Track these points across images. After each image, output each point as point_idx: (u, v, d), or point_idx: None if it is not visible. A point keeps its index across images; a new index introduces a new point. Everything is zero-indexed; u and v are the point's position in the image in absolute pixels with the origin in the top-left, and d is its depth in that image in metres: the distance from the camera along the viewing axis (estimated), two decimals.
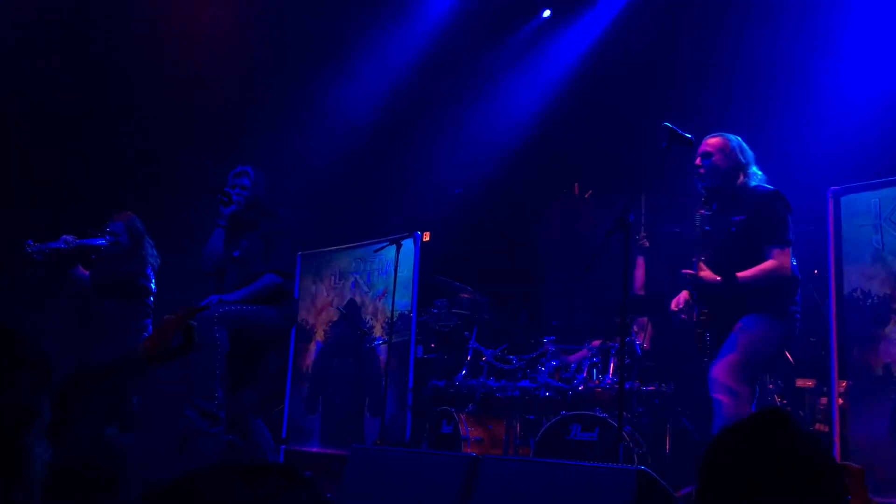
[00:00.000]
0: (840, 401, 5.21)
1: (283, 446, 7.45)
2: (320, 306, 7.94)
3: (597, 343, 6.16)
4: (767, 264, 4.25)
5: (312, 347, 7.92)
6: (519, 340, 6.71)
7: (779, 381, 6.35)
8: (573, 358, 6.23)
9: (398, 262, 6.51)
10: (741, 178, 4.44)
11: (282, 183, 5.76)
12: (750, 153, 4.56)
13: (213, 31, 7.67)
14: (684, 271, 4.31)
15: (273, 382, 7.56)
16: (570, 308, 7.67)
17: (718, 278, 4.21)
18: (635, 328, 6.26)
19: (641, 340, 6.18)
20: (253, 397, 5.38)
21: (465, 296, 6.84)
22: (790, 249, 4.32)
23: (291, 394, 7.88)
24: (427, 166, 8.08)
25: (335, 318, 7.75)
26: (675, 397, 6.00)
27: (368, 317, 7.47)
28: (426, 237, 7.08)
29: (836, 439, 5.17)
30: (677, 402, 6.02)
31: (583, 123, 7.83)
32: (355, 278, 7.67)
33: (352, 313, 7.51)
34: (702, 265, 4.35)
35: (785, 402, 6.15)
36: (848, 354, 5.20)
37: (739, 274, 4.20)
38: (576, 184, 8.14)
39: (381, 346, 7.06)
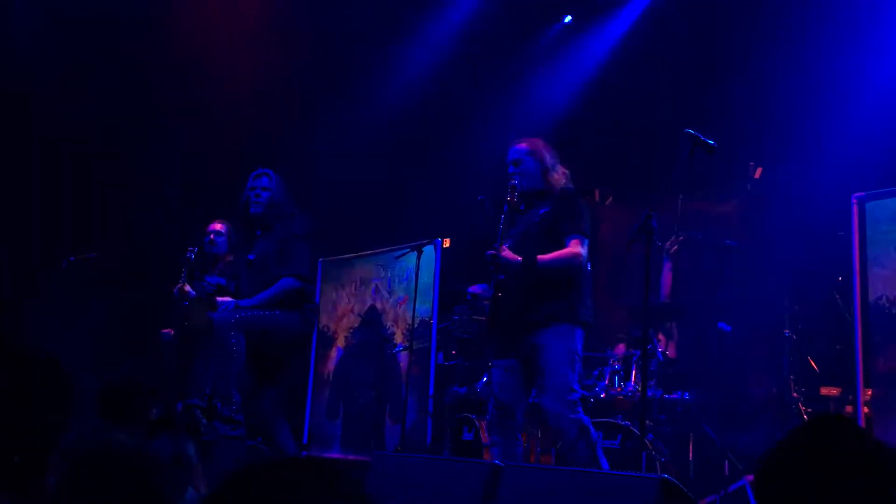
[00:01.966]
0: (866, 409, 5.15)
1: (304, 452, 7.45)
2: (341, 312, 7.94)
3: (622, 347, 6.12)
4: (566, 251, 4.38)
5: (333, 353, 7.92)
6: None
7: (803, 389, 6.29)
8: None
9: (419, 268, 6.51)
10: (548, 177, 4.57)
11: (304, 188, 5.78)
12: (555, 155, 4.67)
13: (239, 35, 7.73)
14: (488, 252, 4.37)
15: (294, 388, 7.58)
16: (592, 315, 7.63)
17: (519, 258, 4.32)
18: (660, 336, 6.20)
19: (664, 348, 6.13)
20: (274, 400, 5.39)
21: (486, 303, 6.82)
22: (587, 242, 4.45)
23: (313, 400, 7.90)
24: (449, 173, 8.07)
25: (356, 325, 7.75)
26: (698, 405, 5.96)
27: (389, 323, 7.46)
28: (447, 244, 7.07)
29: None
30: (700, 411, 5.97)
31: (603, 130, 7.79)
32: (376, 285, 7.67)
33: (373, 320, 7.50)
34: (503, 247, 4.41)
35: (810, 410, 6.09)
36: (874, 362, 5.14)
37: (540, 256, 4.34)
38: (596, 190, 8.09)
39: (402, 352, 7.05)
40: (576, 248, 4.36)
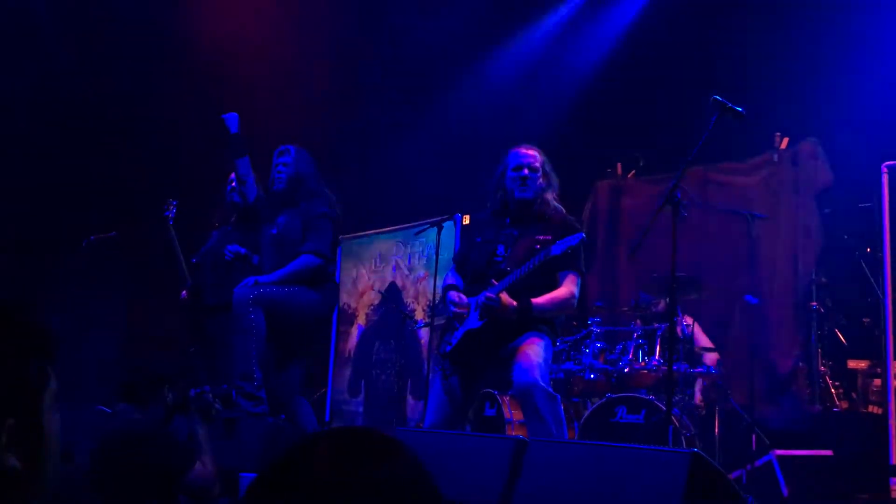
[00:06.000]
0: (895, 382, 5.07)
1: (325, 429, 7.47)
2: (361, 290, 7.93)
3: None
4: (562, 292, 4.31)
5: (354, 331, 7.92)
6: (563, 322, 6.63)
7: (830, 362, 6.21)
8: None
9: (439, 244, 6.45)
10: (550, 199, 4.45)
11: (322, 164, 5.71)
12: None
13: (262, 25, 7.70)
14: (487, 295, 4.21)
15: (315, 366, 7.57)
16: (614, 289, 7.56)
17: (515, 303, 4.20)
18: (687, 318, 6.11)
19: (691, 326, 6.05)
20: (295, 378, 5.37)
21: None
22: (580, 280, 4.40)
23: (334, 377, 7.90)
24: (468, 148, 8.00)
25: (376, 302, 7.74)
26: (723, 379, 5.90)
27: (410, 300, 7.44)
28: (466, 220, 7.02)
29: (892, 422, 5.04)
30: (725, 384, 5.91)
31: (627, 101, 7.67)
32: (396, 261, 7.64)
33: (393, 297, 7.48)
34: (503, 293, 4.24)
35: (837, 384, 6.02)
36: None
37: (535, 301, 4.23)
38: (618, 163, 8.00)
39: (423, 329, 7.03)
40: (571, 287, 4.33)
